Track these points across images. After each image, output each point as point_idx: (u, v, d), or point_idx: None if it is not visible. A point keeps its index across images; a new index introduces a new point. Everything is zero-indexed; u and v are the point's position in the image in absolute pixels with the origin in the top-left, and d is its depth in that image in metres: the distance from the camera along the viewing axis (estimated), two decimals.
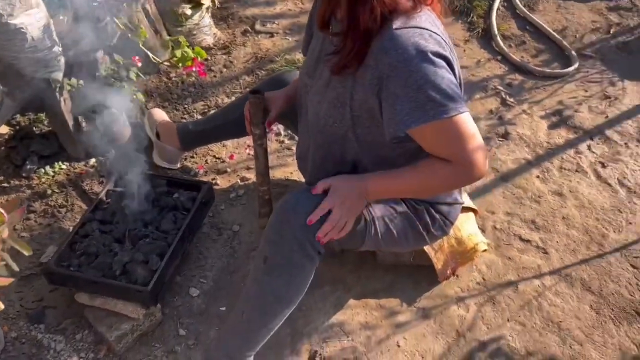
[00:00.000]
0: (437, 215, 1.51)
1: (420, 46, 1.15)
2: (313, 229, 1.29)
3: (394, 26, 1.16)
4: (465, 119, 1.20)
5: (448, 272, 1.74)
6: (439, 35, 1.20)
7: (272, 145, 2.20)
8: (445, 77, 1.16)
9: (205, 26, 2.71)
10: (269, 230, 1.33)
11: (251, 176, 2.07)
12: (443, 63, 1.17)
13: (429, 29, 1.18)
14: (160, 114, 2.14)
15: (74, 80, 1.93)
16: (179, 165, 2.09)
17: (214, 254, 1.80)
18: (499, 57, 2.75)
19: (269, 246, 1.33)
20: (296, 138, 2.00)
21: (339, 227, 1.30)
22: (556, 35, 2.84)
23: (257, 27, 2.90)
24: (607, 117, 2.39)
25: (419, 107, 1.16)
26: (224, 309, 1.66)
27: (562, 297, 1.71)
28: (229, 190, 2.03)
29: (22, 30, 1.65)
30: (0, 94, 1.69)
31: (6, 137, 2.11)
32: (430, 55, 1.15)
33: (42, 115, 2.15)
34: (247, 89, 2.46)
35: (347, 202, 1.30)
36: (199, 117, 2.34)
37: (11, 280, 0.87)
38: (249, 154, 2.17)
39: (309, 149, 1.49)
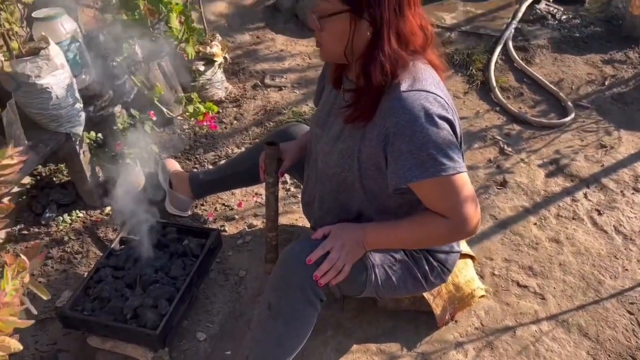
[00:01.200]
0: (435, 263, 1.58)
1: (426, 109, 1.25)
2: (310, 277, 1.36)
3: (402, 88, 1.27)
4: (462, 178, 1.30)
5: (447, 317, 1.79)
6: (442, 98, 1.30)
7: (279, 192, 2.29)
8: (446, 138, 1.27)
9: (217, 81, 2.87)
10: (273, 277, 1.42)
11: (258, 223, 2.16)
12: (446, 125, 1.28)
13: (434, 92, 1.29)
14: (173, 164, 2.25)
15: (92, 134, 2.06)
16: (189, 213, 2.19)
17: (221, 299, 1.87)
18: (497, 108, 2.87)
19: (274, 293, 1.40)
20: (301, 186, 2.10)
21: (336, 268, 1.37)
22: (553, 87, 2.96)
23: (267, 81, 3.06)
24: (603, 165, 2.47)
25: (420, 164, 1.27)
26: (229, 353, 1.71)
27: (559, 342, 1.75)
28: (237, 236, 2.12)
29: (48, 89, 1.79)
30: (25, 148, 1.81)
31: (28, 186, 2.23)
32: (435, 118, 1.26)
33: (62, 166, 2.28)
34: (256, 140, 2.59)
35: (346, 247, 1.39)
36: (210, 166, 2.46)
37: (31, 322, 0.95)
38: (256, 201, 2.27)
39: (316, 196, 1.58)
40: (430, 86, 1.30)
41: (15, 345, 0.95)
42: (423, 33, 1.31)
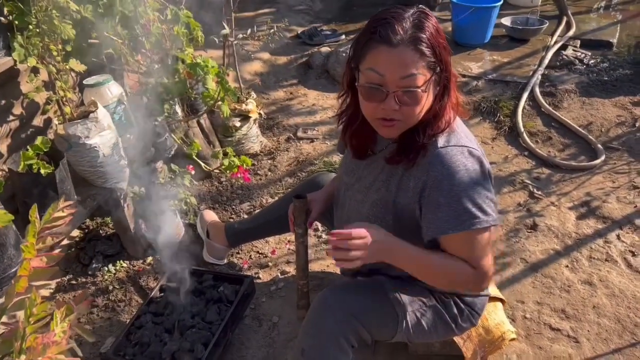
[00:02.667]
0: (464, 307, 1.61)
1: (463, 164, 1.33)
2: (347, 324, 1.42)
3: (439, 145, 1.35)
4: (491, 232, 1.36)
5: None
6: (477, 150, 1.38)
7: (310, 240, 2.37)
8: (481, 192, 1.33)
9: (252, 136, 3.03)
10: (306, 323, 1.47)
11: (291, 269, 2.24)
12: (481, 179, 1.35)
13: (468, 146, 1.36)
14: (210, 215, 2.38)
15: (136, 188, 2.21)
16: (226, 261, 2.28)
17: (255, 344, 1.93)
18: (525, 153, 2.90)
19: (307, 338, 1.45)
20: None
21: (348, 255, 1.32)
22: (581, 130, 2.98)
23: (299, 134, 3.20)
24: (636, 206, 2.45)
25: (456, 217, 1.33)
26: None
27: None
28: (270, 283, 2.19)
29: (96, 148, 1.96)
30: (74, 202, 1.97)
31: (77, 239, 2.39)
32: (471, 172, 1.33)
33: (108, 219, 2.44)
34: (289, 190, 2.69)
35: (371, 248, 1.34)
36: (246, 216, 2.57)
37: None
38: (289, 249, 2.35)
39: None
40: (464, 140, 1.37)
41: None
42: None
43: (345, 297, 1.46)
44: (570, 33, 4.02)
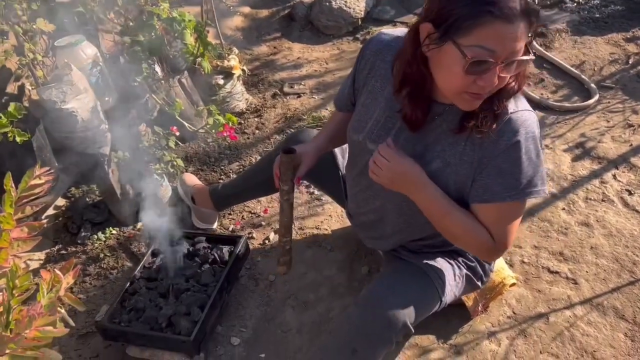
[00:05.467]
0: (485, 265, 1.62)
1: (532, 130, 1.24)
2: (398, 324, 1.37)
3: (510, 110, 1.23)
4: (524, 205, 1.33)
5: (479, 308, 1.78)
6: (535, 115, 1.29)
7: (302, 197, 2.33)
8: (541, 159, 1.27)
9: (237, 93, 2.93)
10: (359, 320, 1.40)
11: None
12: (540, 144, 1.28)
13: (532, 110, 1.28)
14: (191, 179, 2.30)
15: (120, 153, 2.14)
16: (216, 225, 2.24)
17: (252, 303, 1.91)
18: None
19: (359, 339, 1.39)
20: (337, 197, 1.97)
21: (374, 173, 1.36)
22: (574, 70, 2.91)
23: (286, 89, 3.11)
24: (631, 145, 2.42)
25: (516, 185, 1.26)
26: (263, 355, 1.75)
27: (594, 326, 1.72)
28: (264, 242, 2.16)
29: (74, 113, 1.87)
30: (53, 170, 1.90)
31: (63, 208, 2.32)
32: (537, 139, 1.26)
33: (94, 186, 2.37)
34: (271, 150, 2.63)
35: (395, 179, 1.34)
36: (235, 176, 2.51)
37: (66, 330, 0.99)
38: None
39: (373, 210, 1.55)
40: (527, 104, 1.28)
41: (55, 356, 1.00)
42: None
43: (394, 294, 1.42)
44: None
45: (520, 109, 1.25)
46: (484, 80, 1.12)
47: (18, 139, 1.66)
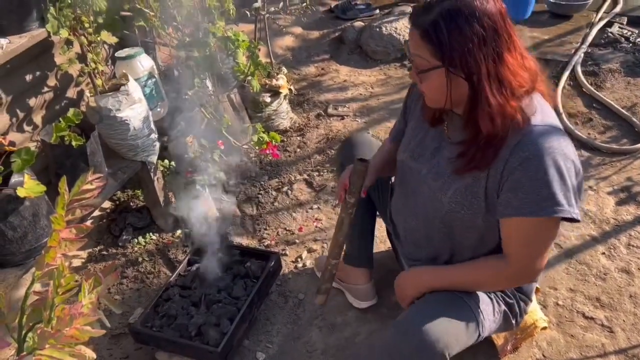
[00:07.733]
0: (522, 303, 1.57)
1: (555, 146, 1.21)
2: (438, 355, 1.32)
3: (533, 122, 1.22)
4: (558, 224, 1.29)
5: (508, 347, 1.75)
6: (568, 139, 1.27)
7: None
8: (569, 180, 1.23)
9: (282, 112, 3.00)
10: (394, 351, 1.35)
11: (317, 247, 2.22)
12: (571, 165, 1.24)
13: (559, 127, 1.26)
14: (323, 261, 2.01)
15: (166, 162, 2.22)
16: (375, 300, 1.98)
17: (280, 320, 1.93)
18: None
19: None
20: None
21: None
22: (625, 112, 2.85)
23: (330, 110, 3.16)
24: None
25: (537, 201, 1.22)
26: None
27: None
28: (297, 260, 2.19)
29: (126, 121, 1.96)
30: (105, 175, 1.98)
31: (108, 211, 2.42)
32: (561, 157, 1.21)
33: (139, 192, 2.46)
34: (318, 167, 2.67)
35: (402, 290, 1.54)
36: (274, 192, 2.55)
37: (102, 332, 1.04)
38: (316, 226, 2.33)
39: (410, 230, 1.56)
40: (556, 120, 1.27)
41: (90, 354, 1.05)
42: (527, 72, 1.25)
43: (434, 323, 1.35)
44: (617, 9, 3.82)
45: (543, 124, 1.23)
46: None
47: (74, 143, 1.75)
